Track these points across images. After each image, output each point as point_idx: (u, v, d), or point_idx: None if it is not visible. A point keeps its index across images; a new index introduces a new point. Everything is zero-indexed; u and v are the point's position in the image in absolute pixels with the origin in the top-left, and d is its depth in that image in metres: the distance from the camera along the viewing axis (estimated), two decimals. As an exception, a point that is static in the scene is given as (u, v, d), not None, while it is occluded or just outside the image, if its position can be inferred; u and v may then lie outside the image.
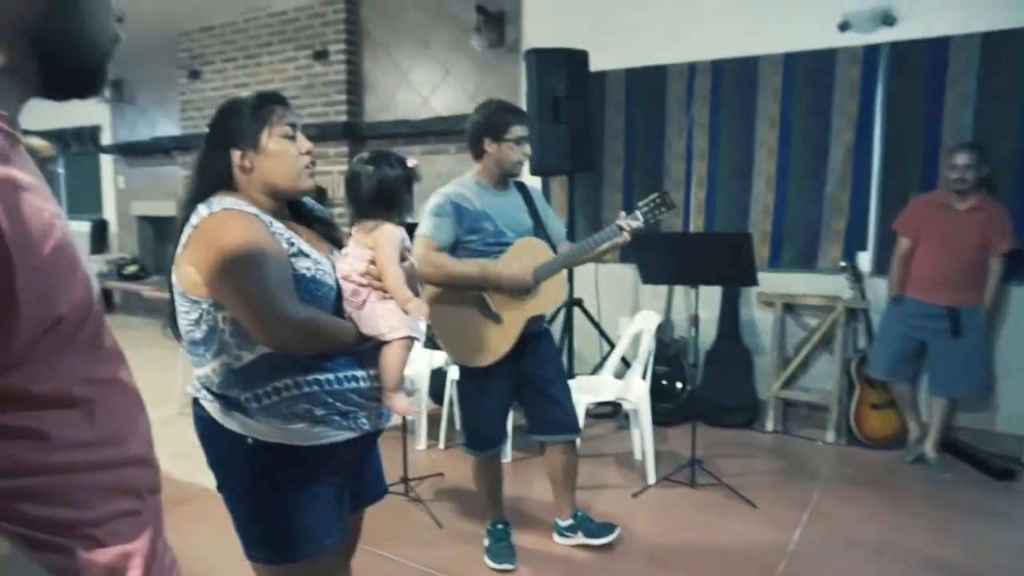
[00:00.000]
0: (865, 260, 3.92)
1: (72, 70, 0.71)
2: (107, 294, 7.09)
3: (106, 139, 7.53)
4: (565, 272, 2.45)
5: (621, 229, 2.37)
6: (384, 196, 1.54)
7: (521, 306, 2.39)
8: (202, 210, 1.34)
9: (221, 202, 1.34)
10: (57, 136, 7.80)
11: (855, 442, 3.78)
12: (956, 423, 3.68)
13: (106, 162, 7.65)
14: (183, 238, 1.35)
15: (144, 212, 7.39)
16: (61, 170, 8.14)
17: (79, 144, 7.75)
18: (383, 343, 1.46)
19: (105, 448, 0.74)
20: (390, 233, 1.51)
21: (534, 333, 2.49)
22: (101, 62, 0.74)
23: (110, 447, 0.75)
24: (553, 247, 2.49)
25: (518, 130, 2.38)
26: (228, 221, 1.32)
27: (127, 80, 7.23)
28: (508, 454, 3.58)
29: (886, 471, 3.48)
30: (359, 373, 1.44)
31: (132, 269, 7.17)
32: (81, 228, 7.54)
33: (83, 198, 7.98)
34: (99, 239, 7.60)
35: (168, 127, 6.99)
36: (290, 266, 1.35)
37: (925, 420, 3.61)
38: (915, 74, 3.70)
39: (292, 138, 1.43)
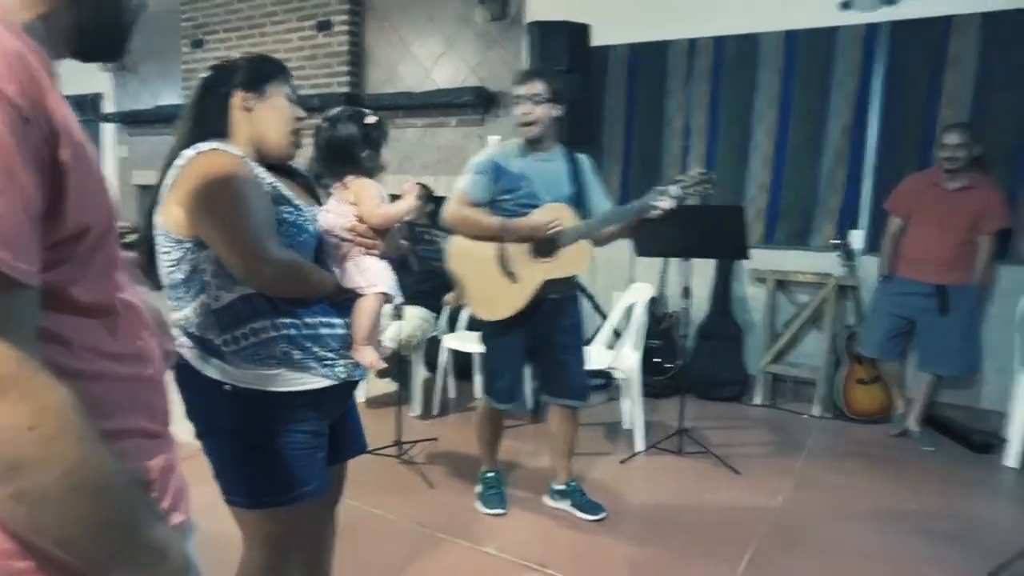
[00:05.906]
0: (858, 238, 3.96)
1: (101, 28, 0.78)
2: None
3: (108, 108, 7.53)
4: (590, 242, 2.49)
5: (654, 203, 2.34)
6: (334, 152, 1.57)
7: (538, 268, 2.47)
8: (188, 152, 1.36)
9: (209, 144, 1.37)
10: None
11: (842, 416, 3.85)
12: (941, 399, 3.74)
13: (108, 131, 7.66)
14: (168, 180, 1.37)
15: (145, 181, 7.40)
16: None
17: (80, 112, 7.72)
18: (360, 296, 1.51)
19: (127, 364, 0.77)
20: (369, 184, 1.56)
21: (558, 299, 2.55)
22: (127, 23, 0.82)
23: (132, 364, 0.78)
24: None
25: (514, 90, 2.49)
26: (216, 160, 1.35)
27: (129, 49, 7.21)
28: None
29: (871, 444, 3.55)
30: (336, 320, 1.47)
31: (131, 238, 7.21)
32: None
33: (85, 166, 8.01)
34: (100, 207, 7.62)
35: (171, 96, 6.99)
36: (273, 209, 1.38)
37: (911, 396, 3.68)
38: (915, 53, 3.72)
39: (293, 101, 1.49)
